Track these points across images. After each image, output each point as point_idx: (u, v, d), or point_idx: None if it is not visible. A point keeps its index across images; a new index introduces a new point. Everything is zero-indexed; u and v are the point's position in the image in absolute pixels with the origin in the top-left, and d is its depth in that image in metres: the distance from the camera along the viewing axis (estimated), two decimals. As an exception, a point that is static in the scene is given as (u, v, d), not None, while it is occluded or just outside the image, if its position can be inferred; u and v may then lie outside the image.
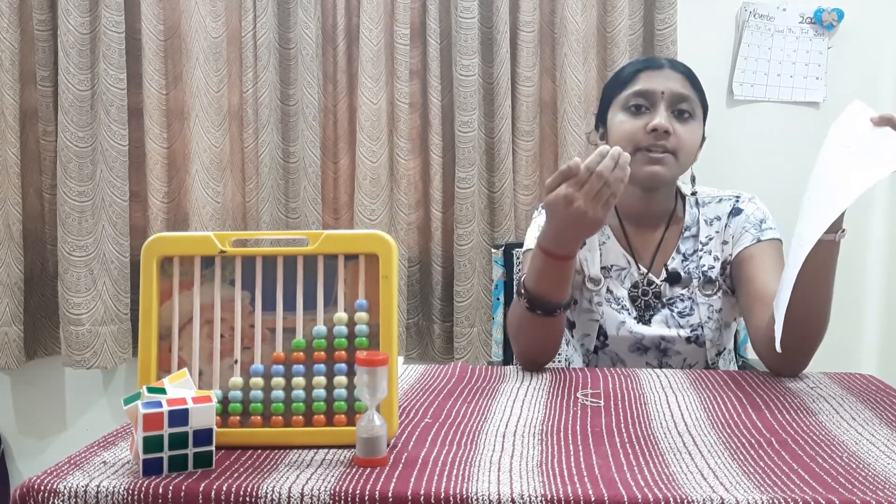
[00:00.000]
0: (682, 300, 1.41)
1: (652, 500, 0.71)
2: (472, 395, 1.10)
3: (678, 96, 1.34)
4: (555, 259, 1.17)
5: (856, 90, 2.37)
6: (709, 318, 1.41)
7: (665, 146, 1.32)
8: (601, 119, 1.44)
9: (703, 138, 1.41)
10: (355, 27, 2.34)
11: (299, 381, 0.87)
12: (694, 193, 1.45)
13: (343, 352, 0.88)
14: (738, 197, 1.45)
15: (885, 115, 1.04)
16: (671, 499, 0.72)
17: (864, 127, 1.06)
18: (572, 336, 1.48)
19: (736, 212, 1.43)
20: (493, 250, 1.83)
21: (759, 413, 1.01)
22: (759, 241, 1.38)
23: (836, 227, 1.10)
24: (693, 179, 1.43)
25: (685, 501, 0.71)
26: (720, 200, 1.45)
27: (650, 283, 1.42)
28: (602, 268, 1.44)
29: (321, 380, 0.87)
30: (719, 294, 1.42)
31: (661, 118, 1.32)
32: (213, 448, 0.80)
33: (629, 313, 1.41)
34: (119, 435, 0.90)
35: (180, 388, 0.81)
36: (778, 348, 1.07)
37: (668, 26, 2.30)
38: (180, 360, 0.89)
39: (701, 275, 1.42)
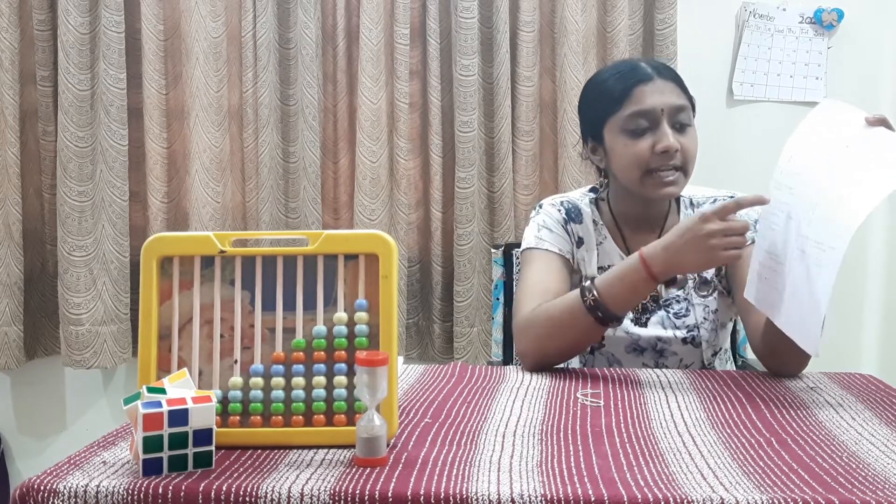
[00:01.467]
0: (678, 301, 1.41)
1: (652, 500, 0.71)
2: (472, 395, 1.10)
3: (676, 108, 1.32)
4: (648, 275, 1.19)
5: (856, 90, 2.37)
6: (704, 318, 1.41)
7: (675, 164, 1.31)
8: (593, 136, 1.40)
9: None
10: (355, 27, 2.34)
11: (299, 381, 0.88)
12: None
13: (343, 352, 0.88)
14: (732, 198, 1.44)
15: (878, 115, 1.05)
16: (671, 499, 0.72)
17: (858, 126, 1.06)
18: (571, 337, 1.48)
19: (731, 213, 1.42)
20: (493, 250, 1.83)
21: (758, 413, 1.01)
22: (754, 241, 1.37)
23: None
24: None
25: (685, 501, 0.71)
26: (714, 201, 1.45)
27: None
28: (599, 268, 1.44)
29: (321, 380, 0.87)
30: (715, 295, 1.42)
31: (668, 138, 1.30)
32: (213, 448, 0.80)
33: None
34: (119, 435, 0.90)
35: (180, 388, 0.81)
36: (817, 353, 1.04)
37: (668, 26, 2.30)
38: (180, 360, 0.89)
39: (696, 276, 1.42)
